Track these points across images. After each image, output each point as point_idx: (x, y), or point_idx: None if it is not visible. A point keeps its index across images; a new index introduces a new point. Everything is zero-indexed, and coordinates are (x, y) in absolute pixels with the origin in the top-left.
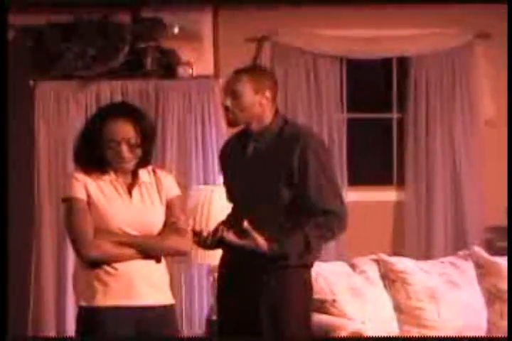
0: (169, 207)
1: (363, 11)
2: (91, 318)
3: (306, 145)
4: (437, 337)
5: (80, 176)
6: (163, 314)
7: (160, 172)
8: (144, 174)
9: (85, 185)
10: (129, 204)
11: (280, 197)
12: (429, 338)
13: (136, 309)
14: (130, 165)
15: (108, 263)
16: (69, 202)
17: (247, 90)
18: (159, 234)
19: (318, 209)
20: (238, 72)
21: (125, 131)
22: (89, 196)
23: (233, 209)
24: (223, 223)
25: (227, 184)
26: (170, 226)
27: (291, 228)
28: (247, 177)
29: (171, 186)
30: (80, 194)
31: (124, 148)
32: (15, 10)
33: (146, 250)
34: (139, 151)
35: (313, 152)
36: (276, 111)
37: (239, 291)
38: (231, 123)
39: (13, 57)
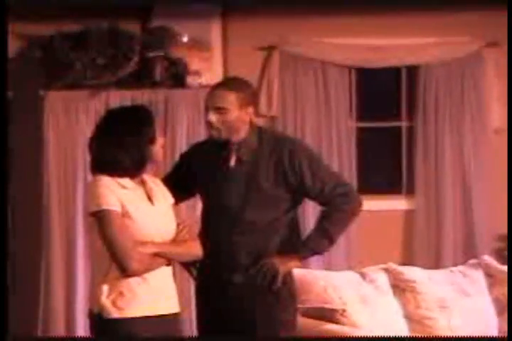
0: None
1: (372, 19)
2: (121, 330)
3: (291, 146)
4: (436, 337)
5: (112, 184)
6: (177, 320)
7: (152, 178)
8: (147, 179)
9: (118, 196)
10: (154, 211)
11: (279, 201)
12: (428, 338)
13: (159, 318)
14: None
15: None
16: (104, 215)
17: (232, 107)
18: (175, 239)
19: (324, 199)
20: (222, 87)
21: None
22: (122, 207)
23: (214, 221)
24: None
25: (211, 196)
26: (181, 230)
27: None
28: (237, 188)
29: (166, 190)
30: (115, 205)
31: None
32: (24, 19)
33: (174, 258)
34: None
35: (301, 150)
36: (251, 121)
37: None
38: (214, 138)
39: (22, 66)
